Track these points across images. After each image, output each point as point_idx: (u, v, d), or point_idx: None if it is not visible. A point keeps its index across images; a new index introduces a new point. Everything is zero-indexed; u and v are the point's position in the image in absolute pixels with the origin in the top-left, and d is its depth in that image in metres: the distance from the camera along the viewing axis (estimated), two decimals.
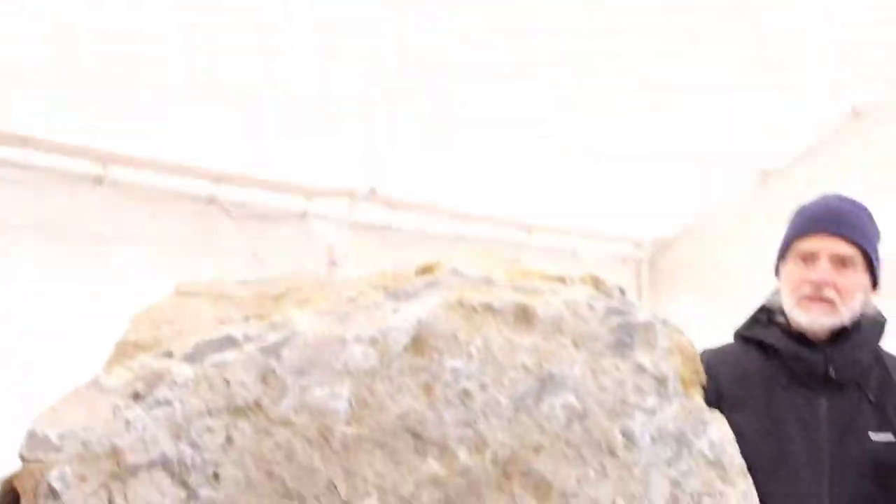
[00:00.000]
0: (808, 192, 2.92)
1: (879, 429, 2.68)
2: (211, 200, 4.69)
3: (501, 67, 4.66)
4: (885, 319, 2.78)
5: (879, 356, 2.79)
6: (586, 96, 4.94)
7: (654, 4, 4.72)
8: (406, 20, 4.44)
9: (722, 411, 2.12)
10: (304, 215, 5.08)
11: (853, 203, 2.77)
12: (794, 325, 2.75)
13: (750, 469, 2.07)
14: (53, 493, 1.60)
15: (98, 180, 4.22)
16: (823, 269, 2.70)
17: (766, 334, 2.79)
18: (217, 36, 4.07)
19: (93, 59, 3.84)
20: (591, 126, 5.16)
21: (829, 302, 2.70)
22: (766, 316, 2.83)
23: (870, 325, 2.77)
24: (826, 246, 2.72)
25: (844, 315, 2.72)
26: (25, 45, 3.68)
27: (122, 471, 1.63)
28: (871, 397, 2.71)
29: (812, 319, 2.71)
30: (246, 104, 4.33)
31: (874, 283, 2.81)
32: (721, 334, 2.95)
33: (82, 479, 1.61)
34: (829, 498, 2.64)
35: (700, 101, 5.09)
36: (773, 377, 2.76)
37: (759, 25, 4.92)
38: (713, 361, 1.91)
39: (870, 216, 2.76)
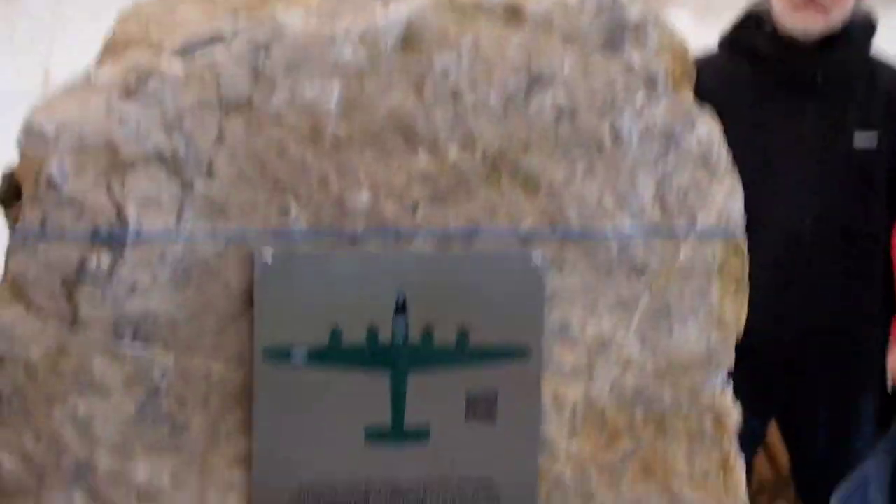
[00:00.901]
0: None
1: (864, 129, 2.71)
2: None
3: None
4: (876, 21, 2.77)
5: (868, 59, 2.79)
6: None
7: None
8: None
9: None
10: None
11: None
12: (782, 30, 2.73)
13: None
14: (53, 184, 1.64)
15: None
16: None
17: (753, 41, 2.78)
18: None
19: None
20: None
21: (823, 6, 2.68)
22: (754, 23, 2.80)
23: (859, 28, 2.75)
24: None
25: (836, 19, 2.70)
26: None
27: (118, 164, 1.67)
28: (858, 101, 2.72)
29: (806, 25, 2.69)
30: None
31: None
32: (714, 44, 2.94)
33: (81, 171, 1.65)
34: (811, 200, 2.71)
35: None
36: (761, 84, 2.77)
37: None
38: (699, 69, 1.91)
39: None
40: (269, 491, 1.78)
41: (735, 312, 1.93)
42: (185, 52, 1.68)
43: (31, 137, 1.63)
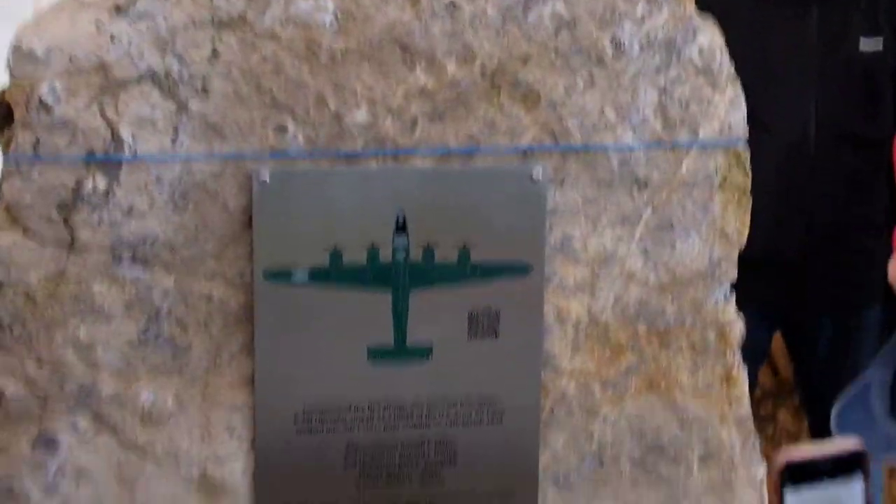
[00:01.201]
0: None
1: (869, 35, 2.67)
2: None
3: None
4: None
5: None
6: None
7: None
8: None
9: None
10: None
11: None
12: None
13: None
14: (45, 107, 1.61)
15: None
16: None
17: None
18: None
19: None
20: None
21: None
22: None
23: None
24: None
25: None
26: None
27: (111, 85, 1.64)
28: (863, 4, 2.68)
29: None
30: None
31: None
32: None
33: (73, 93, 1.62)
34: (814, 107, 2.68)
35: None
36: None
37: None
38: None
39: None
40: (272, 412, 1.79)
41: (738, 225, 1.92)
42: None
43: (21, 59, 1.60)
